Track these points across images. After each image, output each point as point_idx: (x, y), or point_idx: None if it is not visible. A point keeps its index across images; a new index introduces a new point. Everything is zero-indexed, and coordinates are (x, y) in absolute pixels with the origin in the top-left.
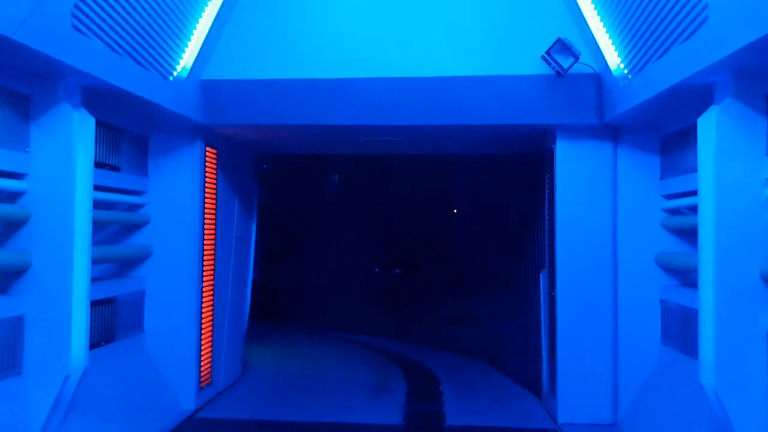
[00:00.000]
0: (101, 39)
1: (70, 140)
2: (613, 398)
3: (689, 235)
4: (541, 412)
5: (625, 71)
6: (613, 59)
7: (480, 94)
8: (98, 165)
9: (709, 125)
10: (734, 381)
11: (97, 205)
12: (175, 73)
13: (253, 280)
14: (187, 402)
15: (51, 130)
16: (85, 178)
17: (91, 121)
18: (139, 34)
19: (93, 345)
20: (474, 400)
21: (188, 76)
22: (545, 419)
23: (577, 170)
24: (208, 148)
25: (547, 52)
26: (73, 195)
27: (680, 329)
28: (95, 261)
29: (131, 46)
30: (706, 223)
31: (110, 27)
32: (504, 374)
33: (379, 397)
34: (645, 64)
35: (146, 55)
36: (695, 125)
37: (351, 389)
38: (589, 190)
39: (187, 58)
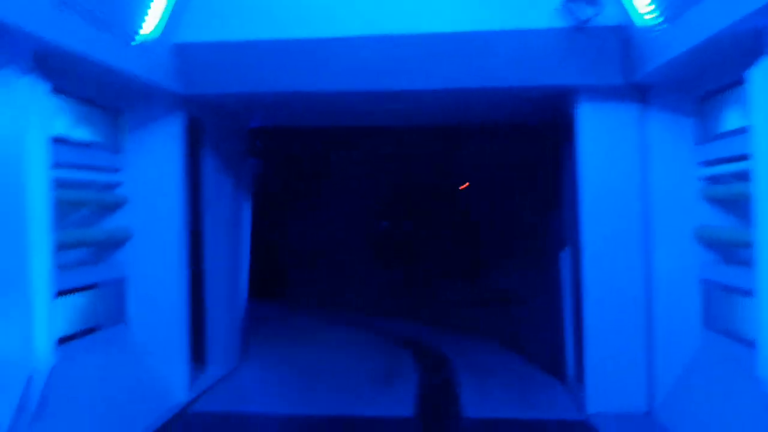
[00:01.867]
0: None
1: (18, 109)
2: (647, 385)
3: (733, 205)
4: (566, 400)
5: (657, 20)
6: (642, 7)
7: (490, 52)
8: (63, 140)
9: (763, 78)
10: None
11: (64, 184)
12: (140, 36)
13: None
14: (179, 395)
15: None
16: (39, 152)
17: (44, 88)
18: None
19: (67, 338)
20: (493, 388)
21: (158, 39)
22: (572, 409)
23: (602, 137)
24: (189, 121)
25: (564, 2)
26: (25, 172)
27: (726, 311)
28: (65, 246)
29: (84, 3)
30: (764, 191)
31: None
32: (525, 359)
33: (388, 385)
34: (681, 9)
35: (102, 15)
36: (738, 81)
37: (359, 377)
38: (616, 159)
39: (154, 19)
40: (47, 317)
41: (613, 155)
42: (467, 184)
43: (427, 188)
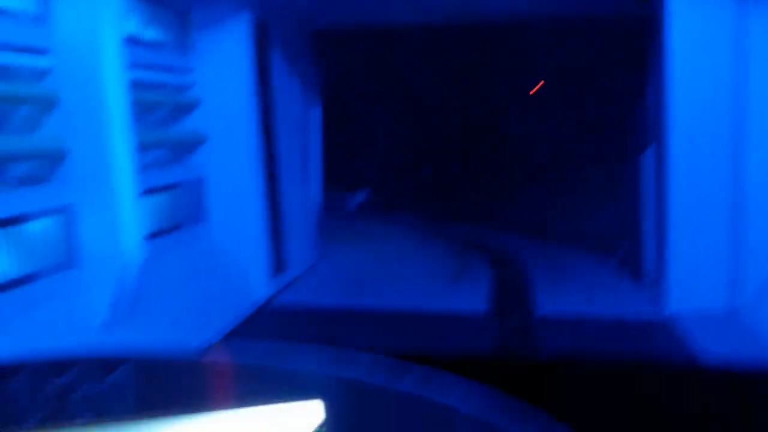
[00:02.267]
0: None
1: (90, 6)
2: (732, 285)
3: None
4: (645, 300)
5: None
6: None
7: None
8: (134, 40)
9: None
10: None
11: (138, 85)
12: None
13: None
14: (261, 290)
15: None
16: (114, 51)
17: None
18: None
19: (153, 234)
20: (568, 287)
21: None
22: (651, 307)
23: (694, 30)
24: (256, 22)
25: None
26: (101, 72)
27: None
28: (145, 146)
29: None
30: None
31: None
32: (603, 259)
33: (461, 283)
34: None
35: None
36: None
37: (433, 275)
38: (709, 55)
39: None
40: (133, 212)
41: (706, 51)
42: (542, 82)
43: (502, 88)
